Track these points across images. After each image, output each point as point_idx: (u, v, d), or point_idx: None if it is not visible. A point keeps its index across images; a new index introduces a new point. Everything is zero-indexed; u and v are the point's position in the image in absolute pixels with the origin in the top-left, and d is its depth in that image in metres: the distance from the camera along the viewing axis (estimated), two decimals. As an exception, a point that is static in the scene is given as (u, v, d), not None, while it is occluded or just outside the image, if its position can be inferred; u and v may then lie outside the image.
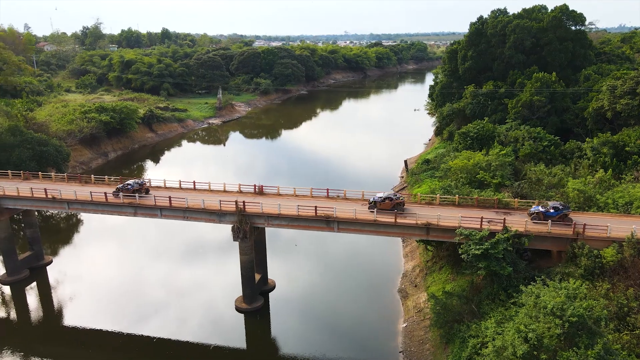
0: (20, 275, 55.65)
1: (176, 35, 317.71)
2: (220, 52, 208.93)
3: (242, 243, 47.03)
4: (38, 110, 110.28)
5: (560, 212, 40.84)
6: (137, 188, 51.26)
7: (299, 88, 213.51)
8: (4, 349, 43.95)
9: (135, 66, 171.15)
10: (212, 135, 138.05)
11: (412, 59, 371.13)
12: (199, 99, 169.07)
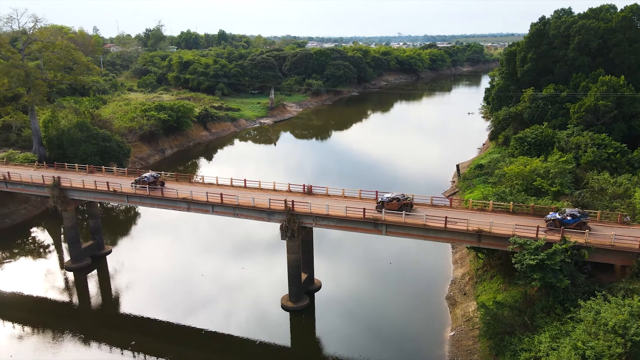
0: (83, 262, 59.08)
1: (232, 37, 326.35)
2: (274, 53, 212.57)
3: (289, 242, 47.57)
4: (103, 107, 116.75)
5: (577, 220, 39.93)
6: (152, 180, 54.25)
7: (350, 89, 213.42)
8: (66, 330, 46.82)
9: (192, 67, 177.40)
10: (263, 135, 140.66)
11: (468, 61, 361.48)
12: (251, 99, 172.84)
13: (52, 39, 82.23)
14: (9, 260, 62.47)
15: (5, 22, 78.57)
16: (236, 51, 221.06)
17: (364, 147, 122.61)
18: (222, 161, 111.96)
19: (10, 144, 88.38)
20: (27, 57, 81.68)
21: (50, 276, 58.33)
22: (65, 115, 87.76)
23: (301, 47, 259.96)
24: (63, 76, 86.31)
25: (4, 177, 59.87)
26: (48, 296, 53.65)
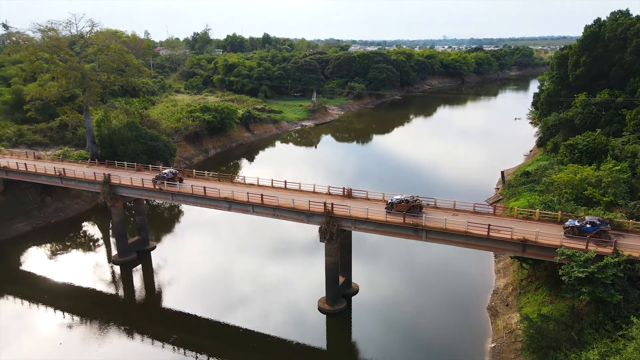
0: (129, 257, 61.35)
1: (276, 40, 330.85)
2: (317, 56, 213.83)
3: (328, 244, 47.57)
4: (152, 108, 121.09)
5: (597, 228, 38.90)
6: (171, 177, 57.26)
7: (392, 93, 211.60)
8: (111, 321, 48.73)
9: (237, 69, 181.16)
10: (304, 137, 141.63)
11: (516, 65, 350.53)
12: (293, 102, 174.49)
13: (106, 43, 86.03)
14: (62, 252, 65.78)
15: (64, 27, 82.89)
16: (280, 54, 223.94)
17: (405, 151, 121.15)
18: (263, 162, 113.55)
19: (66, 142, 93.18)
20: (83, 60, 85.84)
21: (98, 269, 60.94)
22: (116, 115, 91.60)
23: (344, 50, 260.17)
24: (116, 78, 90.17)
25: (59, 174, 63.12)
26: (96, 288, 56.04)
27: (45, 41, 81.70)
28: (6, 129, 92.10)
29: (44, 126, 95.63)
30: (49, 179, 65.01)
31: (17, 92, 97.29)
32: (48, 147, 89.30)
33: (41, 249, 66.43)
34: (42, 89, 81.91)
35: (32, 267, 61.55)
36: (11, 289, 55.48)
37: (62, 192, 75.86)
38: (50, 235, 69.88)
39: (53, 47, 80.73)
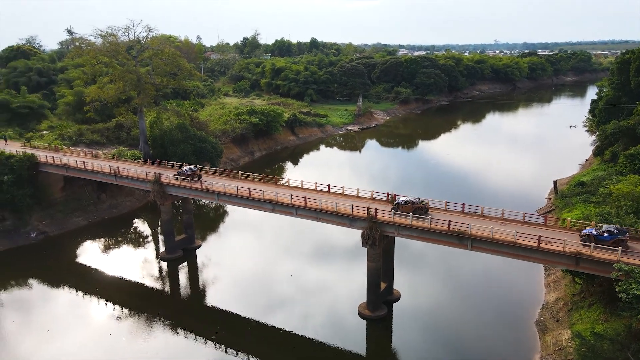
0: (175, 254, 63.31)
1: (323, 45, 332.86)
2: (363, 60, 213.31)
3: (370, 250, 47.16)
4: (201, 110, 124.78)
5: (614, 237, 37.88)
6: (190, 173, 60.67)
7: (440, 98, 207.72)
8: (157, 315, 50.39)
9: (284, 73, 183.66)
10: (349, 142, 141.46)
11: (572, 70, 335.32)
12: (339, 106, 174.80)
13: (161, 47, 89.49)
14: (114, 247, 68.84)
15: (123, 32, 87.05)
16: (326, 58, 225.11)
17: (452, 158, 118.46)
18: (308, 165, 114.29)
19: (121, 142, 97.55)
20: (139, 64, 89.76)
21: (147, 264, 63.27)
22: (168, 117, 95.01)
23: (391, 54, 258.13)
24: (169, 81, 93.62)
25: (114, 172, 66.14)
26: (144, 282, 58.19)
27: (105, 46, 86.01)
28: (68, 129, 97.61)
29: (101, 126, 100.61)
30: (104, 177, 68.26)
31: (79, 94, 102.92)
32: (104, 147, 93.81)
33: (95, 243, 69.78)
34: (101, 91, 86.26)
35: (86, 259, 64.74)
36: (68, 279, 58.56)
37: (116, 189, 79.44)
38: (104, 230, 73.33)
39: (112, 51, 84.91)
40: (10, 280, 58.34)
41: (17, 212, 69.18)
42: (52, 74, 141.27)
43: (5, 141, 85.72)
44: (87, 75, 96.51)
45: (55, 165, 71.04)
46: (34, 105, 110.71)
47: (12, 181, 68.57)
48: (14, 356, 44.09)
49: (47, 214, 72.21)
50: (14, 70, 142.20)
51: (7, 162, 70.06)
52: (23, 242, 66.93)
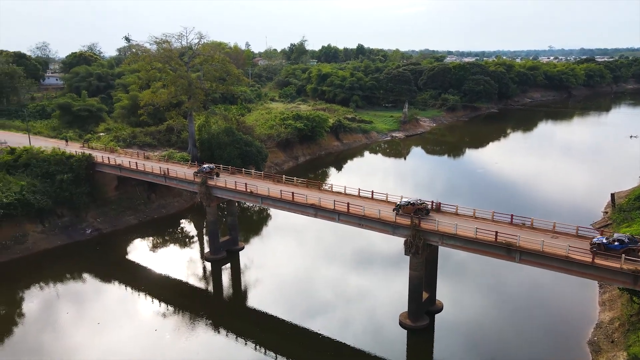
0: (219, 255, 64.69)
1: (369, 51, 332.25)
2: (410, 67, 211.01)
3: (413, 258, 46.32)
4: (247, 115, 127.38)
5: (625, 246, 37.13)
6: (208, 171, 64.71)
7: (489, 106, 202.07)
8: (200, 314, 51.58)
9: (329, 79, 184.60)
10: (393, 148, 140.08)
11: (634, 77, 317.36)
12: (384, 112, 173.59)
13: (211, 53, 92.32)
14: (161, 246, 71.24)
15: (177, 39, 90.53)
16: (373, 65, 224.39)
17: (499, 167, 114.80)
18: (351, 172, 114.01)
19: (171, 144, 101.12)
20: (190, 69, 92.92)
21: (191, 264, 65.01)
22: (216, 121, 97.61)
23: (439, 61, 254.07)
24: (217, 86, 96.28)
25: (164, 173, 68.55)
26: (188, 281, 59.78)
27: (159, 52, 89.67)
28: (122, 131, 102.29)
29: (153, 129, 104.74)
30: (154, 178, 70.88)
31: (134, 98, 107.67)
32: (156, 149, 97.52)
33: (144, 241, 72.49)
34: (154, 96, 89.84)
35: (135, 257, 67.36)
36: (118, 275, 61.09)
37: (165, 190, 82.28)
38: (152, 229, 76.07)
39: (166, 57, 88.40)
40: (67, 274, 61.56)
41: (74, 209, 73.03)
42: (110, 79, 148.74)
43: (66, 142, 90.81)
44: (141, 80, 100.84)
45: (110, 165, 74.53)
46: (93, 108, 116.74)
47: (71, 180, 72.54)
48: (68, 346, 46.38)
49: (102, 212, 75.77)
50: (76, 75, 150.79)
51: (67, 161, 74.22)
52: (79, 238, 70.48)
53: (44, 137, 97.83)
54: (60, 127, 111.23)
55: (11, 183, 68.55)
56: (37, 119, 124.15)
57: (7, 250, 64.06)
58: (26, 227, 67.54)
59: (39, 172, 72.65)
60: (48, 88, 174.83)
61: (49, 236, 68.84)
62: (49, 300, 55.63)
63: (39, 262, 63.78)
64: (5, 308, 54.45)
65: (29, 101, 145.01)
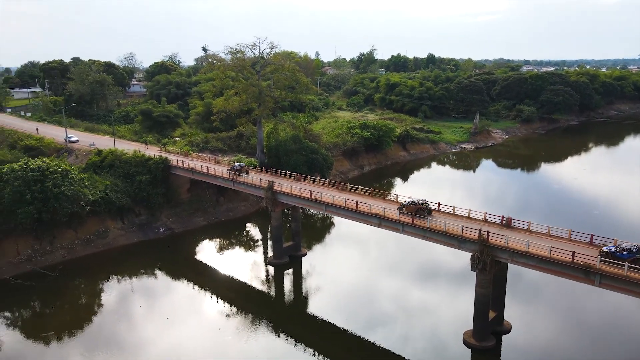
0: (282, 260, 65.73)
1: (440, 60, 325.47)
2: (483, 76, 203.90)
3: (480, 274, 44.33)
4: (315, 123, 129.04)
5: (632, 256, 37.25)
6: (238, 168, 71.32)
7: (568, 118, 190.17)
8: (262, 317, 52.59)
9: (398, 88, 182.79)
10: (462, 160, 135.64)
11: None
12: (454, 123, 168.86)
13: (282, 63, 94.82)
14: (227, 247, 73.73)
15: (250, 49, 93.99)
16: (443, 74, 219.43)
17: (580, 183, 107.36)
18: (417, 182, 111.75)
19: (241, 150, 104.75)
20: (261, 78, 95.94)
21: (255, 267, 66.61)
22: (284, 128, 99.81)
23: (514, 70, 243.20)
24: (287, 94, 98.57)
25: (232, 177, 71.03)
26: (252, 284, 61.26)
27: (233, 61, 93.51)
28: (196, 136, 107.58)
29: (224, 135, 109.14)
30: (224, 182, 73.64)
31: (207, 105, 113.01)
32: (226, 154, 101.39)
33: (212, 242, 75.41)
34: (227, 103, 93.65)
35: (203, 257, 70.21)
36: (187, 273, 63.95)
37: (233, 194, 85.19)
38: (220, 231, 78.95)
39: (239, 66, 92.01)
40: (141, 269, 65.42)
41: (150, 208, 77.60)
42: (187, 87, 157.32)
43: (146, 145, 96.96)
44: (215, 88, 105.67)
45: (184, 168, 78.47)
46: (171, 114, 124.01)
47: (148, 181, 77.24)
48: (139, 337, 49.16)
49: (174, 212, 79.86)
50: (157, 83, 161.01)
51: (146, 163, 79.13)
52: (153, 236, 74.70)
53: (126, 141, 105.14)
54: (141, 131, 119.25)
55: (97, 182, 74.23)
56: (121, 123, 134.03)
57: (90, 244, 69.30)
58: (108, 224, 72.72)
59: (121, 172, 78.16)
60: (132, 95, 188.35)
61: (127, 233, 73.60)
62: (124, 292, 59.36)
63: (118, 256, 68.35)
64: (87, 298, 58.85)
65: (116, 107, 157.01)
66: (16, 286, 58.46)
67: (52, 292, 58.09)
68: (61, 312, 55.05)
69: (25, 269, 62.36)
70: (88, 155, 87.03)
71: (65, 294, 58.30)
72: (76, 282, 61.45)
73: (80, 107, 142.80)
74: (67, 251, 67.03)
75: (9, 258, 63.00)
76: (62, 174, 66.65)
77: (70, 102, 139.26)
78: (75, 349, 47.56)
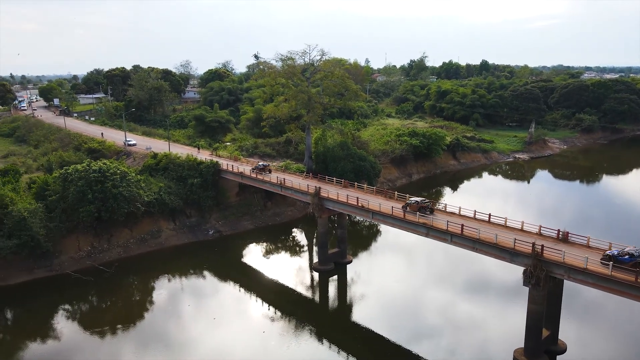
0: (327, 266, 65.66)
1: (494, 67, 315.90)
2: (540, 84, 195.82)
3: (533, 290, 42.31)
4: (363, 130, 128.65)
5: (633, 260, 37.86)
6: (262, 167, 77.49)
7: (634, 127, 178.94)
8: (305, 322, 52.67)
9: (449, 96, 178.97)
10: (516, 171, 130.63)
11: None
12: (507, 132, 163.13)
13: (331, 69, 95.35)
14: (273, 251, 74.59)
15: (300, 56, 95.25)
16: (497, 81, 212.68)
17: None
18: (467, 192, 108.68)
19: (289, 155, 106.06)
20: (311, 84, 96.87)
21: (300, 272, 66.93)
22: (332, 134, 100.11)
23: (574, 77, 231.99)
24: (335, 101, 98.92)
25: (280, 183, 71.97)
26: (296, 289, 61.56)
27: (284, 68, 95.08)
28: (246, 141, 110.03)
29: (273, 141, 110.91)
30: (271, 187, 74.73)
31: (258, 111, 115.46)
32: (274, 159, 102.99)
33: (258, 246, 76.55)
34: (276, 109, 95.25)
35: (250, 260, 71.42)
36: (233, 275, 65.28)
37: (280, 199, 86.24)
38: (266, 235, 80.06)
39: (289, 73, 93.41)
40: (190, 269, 67.40)
41: (200, 211, 79.97)
42: (239, 93, 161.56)
43: (198, 149, 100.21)
44: (266, 95, 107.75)
45: (233, 172, 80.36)
46: (222, 119, 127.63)
47: (200, 184, 79.69)
48: (187, 336, 50.56)
49: (223, 215, 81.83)
50: (211, 89, 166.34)
51: (198, 167, 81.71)
52: (202, 238, 76.84)
53: (180, 145, 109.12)
54: (194, 136, 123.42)
55: (152, 184, 77.41)
56: (176, 128, 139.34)
57: (144, 244, 72.24)
58: (161, 224, 75.59)
59: (174, 175, 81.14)
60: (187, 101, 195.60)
61: (179, 234, 76.16)
62: (174, 291, 61.36)
63: (169, 256, 70.82)
64: (139, 294, 61.36)
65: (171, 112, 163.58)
66: (76, 280, 61.84)
67: (108, 287, 60.97)
68: (115, 308, 57.63)
69: (84, 264, 65.89)
70: (144, 158, 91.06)
71: (119, 290, 61.02)
72: (130, 279, 64.17)
73: (138, 112, 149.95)
74: (123, 249, 70.22)
75: (71, 254, 66.79)
76: (120, 176, 70.06)
77: (130, 107, 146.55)
78: (127, 344, 49.57)
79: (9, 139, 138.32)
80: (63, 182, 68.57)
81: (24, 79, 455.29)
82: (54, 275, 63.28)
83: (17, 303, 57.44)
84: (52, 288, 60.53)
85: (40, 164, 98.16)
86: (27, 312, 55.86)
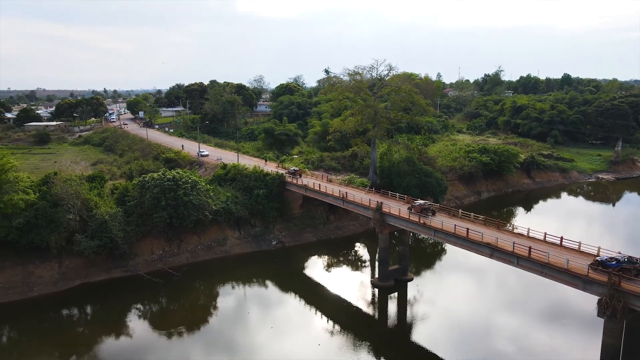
0: (387, 283, 64.65)
1: (578, 81, 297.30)
2: (630, 99, 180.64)
3: (608, 322, 38.95)
4: (431, 146, 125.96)
5: (619, 265, 39.02)
6: (292, 172, 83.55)
7: None
8: (363, 338, 51.97)
9: (525, 111, 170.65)
10: (599, 192, 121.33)
11: None
12: (590, 150, 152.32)
13: (399, 84, 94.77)
14: (334, 265, 74.71)
15: (367, 71, 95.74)
16: (580, 96, 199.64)
17: None
18: (541, 213, 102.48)
19: (354, 169, 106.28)
20: (378, 99, 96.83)
21: (360, 287, 66.38)
22: (398, 150, 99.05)
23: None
24: (402, 116, 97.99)
25: (342, 196, 72.27)
26: (355, 304, 61.08)
27: (351, 83, 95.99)
28: (312, 155, 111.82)
29: (339, 154, 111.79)
30: (334, 200, 75.22)
31: (325, 125, 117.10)
32: (339, 173, 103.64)
33: (319, 258, 77.08)
34: (343, 123, 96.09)
35: (310, 272, 72.05)
36: (293, 286, 66.18)
37: (343, 212, 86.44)
38: (328, 248, 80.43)
39: (356, 88, 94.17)
40: (253, 278, 69.26)
41: (264, 221, 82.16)
42: (308, 107, 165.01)
43: (265, 161, 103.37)
44: (333, 109, 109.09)
45: (297, 185, 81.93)
46: (291, 133, 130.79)
47: (265, 195, 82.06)
48: (245, 343, 51.88)
49: (286, 227, 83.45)
50: (281, 103, 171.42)
51: (264, 178, 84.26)
52: (266, 247, 78.79)
53: (249, 156, 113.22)
54: (263, 148, 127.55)
55: (220, 193, 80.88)
56: (247, 140, 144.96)
57: (210, 251, 75.43)
58: (227, 232, 78.57)
59: (241, 185, 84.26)
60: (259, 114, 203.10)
61: (243, 242, 78.70)
62: (237, 298, 63.37)
63: (233, 264, 73.32)
64: (204, 299, 64.00)
65: (243, 125, 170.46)
66: (147, 282, 65.79)
67: (177, 290, 64.20)
68: (183, 310, 60.50)
69: (155, 267, 69.97)
70: (215, 169, 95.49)
71: (187, 293, 64.01)
72: (196, 283, 67.16)
73: (212, 125, 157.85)
74: (191, 255, 73.76)
75: (144, 256, 71.25)
76: (191, 185, 73.96)
77: (205, 120, 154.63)
78: (191, 346, 51.76)
79: (99, 148, 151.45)
80: (140, 189, 73.63)
81: (115, 94, 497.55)
82: (129, 275, 67.76)
83: (98, 299, 62.10)
84: (127, 287, 64.80)
85: (123, 171, 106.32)
86: (107, 308, 60.20)
